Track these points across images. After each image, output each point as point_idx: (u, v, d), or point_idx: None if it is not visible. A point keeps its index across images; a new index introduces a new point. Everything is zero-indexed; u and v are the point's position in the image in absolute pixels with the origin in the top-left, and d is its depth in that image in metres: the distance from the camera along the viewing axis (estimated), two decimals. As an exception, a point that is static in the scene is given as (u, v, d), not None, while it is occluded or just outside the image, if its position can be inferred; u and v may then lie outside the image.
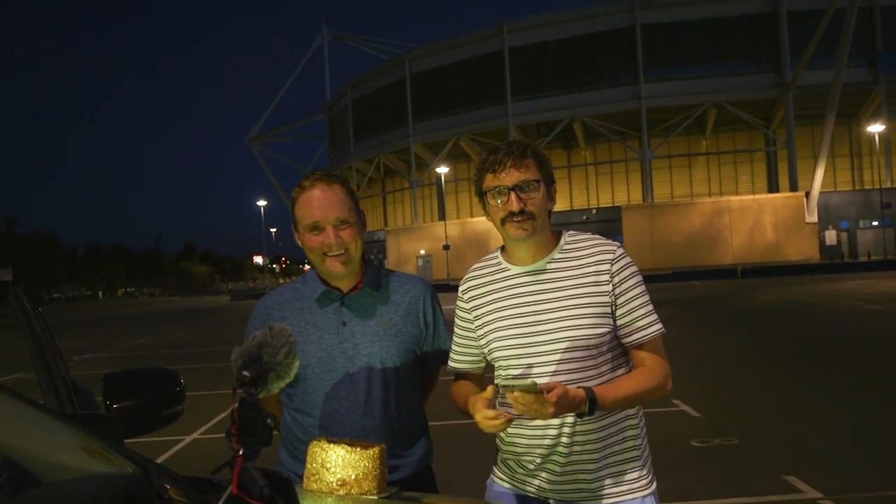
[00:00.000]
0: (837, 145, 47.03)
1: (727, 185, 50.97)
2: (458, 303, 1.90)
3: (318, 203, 1.84)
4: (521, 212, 1.71)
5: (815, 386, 8.00)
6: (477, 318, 1.84)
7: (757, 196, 47.20)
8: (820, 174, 42.72)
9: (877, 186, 43.92)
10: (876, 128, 42.28)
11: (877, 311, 15.94)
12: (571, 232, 1.84)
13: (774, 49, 44.62)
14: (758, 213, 45.17)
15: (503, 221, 1.74)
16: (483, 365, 1.90)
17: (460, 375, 1.93)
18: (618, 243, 1.80)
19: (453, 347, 1.93)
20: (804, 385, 8.09)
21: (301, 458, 1.85)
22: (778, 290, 25.18)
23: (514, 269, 1.80)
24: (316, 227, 1.85)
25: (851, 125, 47.32)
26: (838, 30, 38.24)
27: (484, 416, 1.59)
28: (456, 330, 1.92)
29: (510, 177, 1.72)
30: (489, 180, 1.76)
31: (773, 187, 48.71)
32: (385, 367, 1.89)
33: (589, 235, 1.83)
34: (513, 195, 1.71)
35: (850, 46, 38.61)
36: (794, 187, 44.99)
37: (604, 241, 1.80)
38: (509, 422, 1.59)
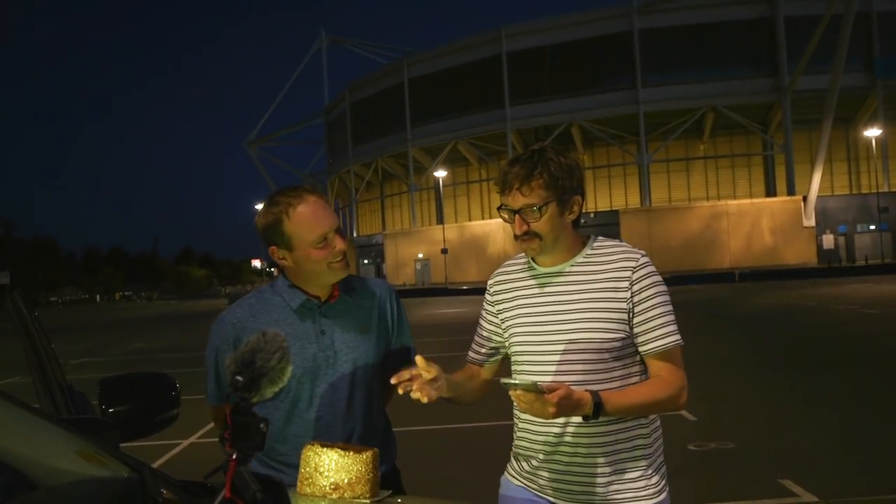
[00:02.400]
0: (835, 149, 47.12)
1: (725, 190, 51.03)
2: (486, 296, 1.95)
3: (321, 214, 1.83)
4: (526, 233, 1.74)
5: (812, 390, 8.01)
6: (500, 312, 1.89)
7: (754, 200, 47.27)
8: (817, 178, 42.81)
9: (874, 191, 44.00)
10: (873, 132, 42.39)
11: (874, 315, 15.96)
12: (599, 237, 1.86)
13: (772, 54, 44.75)
14: (755, 217, 45.25)
15: (515, 237, 1.78)
16: (497, 360, 1.94)
17: (472, 364, 1.99)
18: (643, 252, 1.80)
19: (475, 339, 1.98)
20: (801, 389, 8.10)
21: (275, 468, 1.87)
22: (775, 294, 25.21)
23: (539, 270, 1.83)
24: (324, 240, 1.83)
25: (849, 129, 47.41)
26: (835, 35, 38.32)
27: (399, 378, 1.65)
28: (480, 322, 1.97)
29: (515, 200, 1.74)
30: (501, 197, 1.78)
31: (770, 191, 48.78)
32: (365, 371, 1.93)
33: (616, 242, 1.84)
34: (517, 218, 1.74)
35: (847, 51, 38.68)
36: (791, 191, 45.07)
37: (629, 248, 1.81)
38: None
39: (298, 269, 1.89)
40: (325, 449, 1.38)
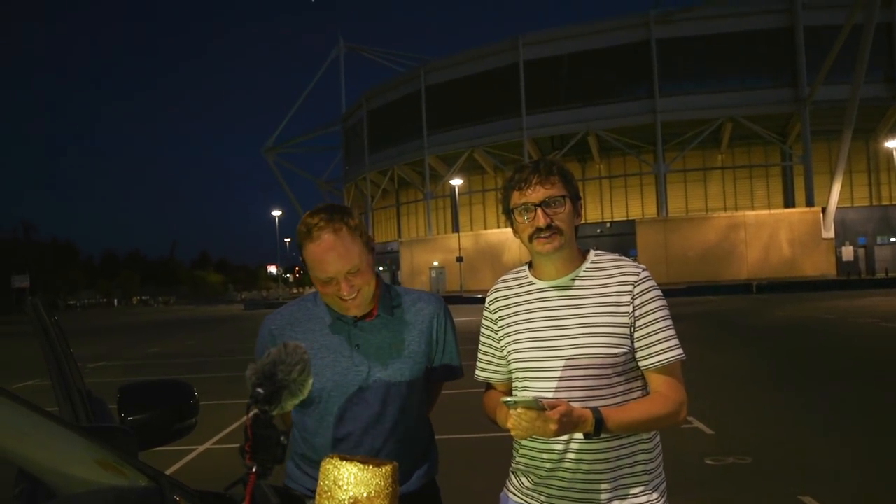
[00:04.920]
0: (854, 161, 46.66)
1: (742, 200, 50.67)
2: (485, 313, 1.93)
3: (327, 258, 1.78)
4: (549, 227, 1.73)
5: (832, 404, 7.90)
6: (501, 328, 1.87)
7: (773, 211, 46.88)
8: (836, 189, 42.39)
9: (894, 202, 43.53)
10: (894, 143, 41.92)
11: (894, 328, 15.75)
12: (599, 251, 1.86)
13: (791, 64, 44.44)
14: (773, 228, 44.86)
15: (530, 238, 1.76)
16: (510, 376, 1.90)
17: (490, 386, 1.96)
18: (643, 266, 1.80)
19: (479, 357, 1.95)
20: (820, 403, 8.00)
21: (310, 474, 1.86)
22: (793, 307, 24.95)
23: (539, 284, 1.82)
24: (329, 281, 1.81)
25: (869, 141, 46.95)
26: (855, 45, 38.02)
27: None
28: (482, 339, 1.95)
29: (536, 193, 1.74)
30: (516, 198, 1.77)
31: (789, 202, 48.38)
32: (399, 388, 1.90)
33: (616, 256, 1.84)
34: (539, 211, 1.73)
35: (868, 62, 38.33)
36: (810, 202, 44.66)
37: (629, 262, 1.81)
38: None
39: (321, 296, 1.91)
40: (344, 462, 1.37)
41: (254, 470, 1.05)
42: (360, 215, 1.94)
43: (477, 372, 1.96)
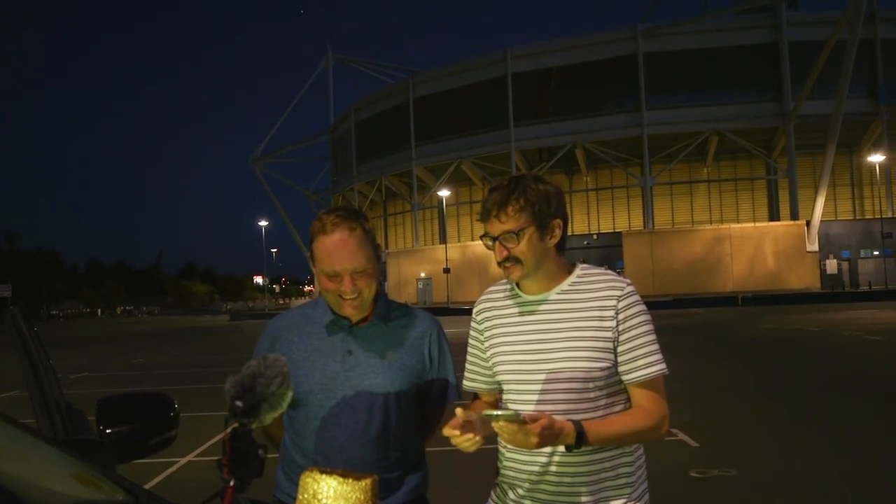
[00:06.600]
0: (838, 175, 47.21)
1: (728, 213, 51.08)
2: (472, 324, 1.95)
3: (338, 253, 1.83)
4: (507, 258, 1.75)
5: (816, 417, 7.94)
6: (487, 339, 1.88)
7: (758, 224, 47.28)
8: (821, 203, 42.83)
9: (877, 216, 44.00)
10: (877, 158, 42.48)
11: (878, 341, 15.87)
12: (585, 265, 1.86)
13: (776, 79, 44.97)
14: (758, 241, 45.22)
15: (498, 264, 1.78)
16: (497, 386, 1.92)
17: (476, 396, 1.97)
18: (628, 281, 1.80)
19: (467, 367, 1.97)
20: (805, 416, 8.03)
21: (297, 482, 1.85)
22: (778, 319, 25.10)
23: (524, 297, 1.83)
24: (334, 276, 1.85)
25: (852, 155, 47.54)
26: (839, 61, 38.57)
27: (451, 435, 1.59)
28: (469, 350, 1.96)
29: (493, 227, 1.76)
30: (483, 225, 1.80)
31: (773, 215, 48.81)
32: (387, 399, 1.90)
33: (602, 270, 1.84)
34: (497, 244, 1.76)
35: (851, 77, 38.88)
36: (794, 216, 45.08)
37: (615, 277, 1.81)
38: (478, 442, 1.59)
39: (322, 292, 1.94)
40: (323, 476, 1.36)
41: (231, 484, 1.03)
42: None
43: (464, 382, 1.98)
